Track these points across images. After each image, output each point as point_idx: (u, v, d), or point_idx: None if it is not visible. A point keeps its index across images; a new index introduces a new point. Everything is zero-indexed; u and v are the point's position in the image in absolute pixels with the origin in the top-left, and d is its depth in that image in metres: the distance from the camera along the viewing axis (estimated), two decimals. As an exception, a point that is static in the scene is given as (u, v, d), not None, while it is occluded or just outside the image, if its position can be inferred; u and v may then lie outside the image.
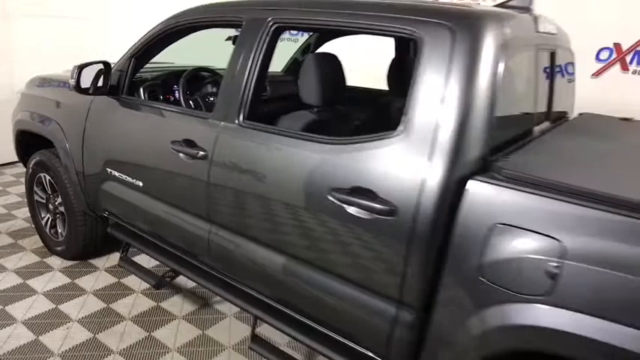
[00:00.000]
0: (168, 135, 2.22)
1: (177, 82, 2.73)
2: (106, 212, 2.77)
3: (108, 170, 2.58)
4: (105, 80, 2.50)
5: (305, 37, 3.61)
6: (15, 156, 3.45)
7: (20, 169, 4.50)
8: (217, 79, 2.83)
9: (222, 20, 2.26)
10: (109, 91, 2.54)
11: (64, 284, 2.96)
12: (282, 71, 3.64)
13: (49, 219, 3.24)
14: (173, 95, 2.78)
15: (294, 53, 3.60)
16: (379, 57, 2.82)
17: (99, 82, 2.48)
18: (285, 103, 2.48)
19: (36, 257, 3.25)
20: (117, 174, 2.54)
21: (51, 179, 3.05)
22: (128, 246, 2.83)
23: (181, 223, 2.29)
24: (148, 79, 2.75)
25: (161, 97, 2.71)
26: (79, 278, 3.03)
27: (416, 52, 1.57)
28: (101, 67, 2.47)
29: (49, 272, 3.08)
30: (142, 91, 2.60)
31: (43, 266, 3.15)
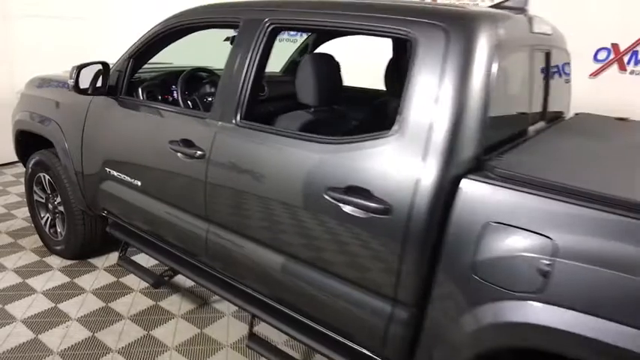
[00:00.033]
0: (167, 135, 2.23)
1: (176, 82, 2.75)
2: (105, 212, 2.78)
3: (107, 170, 2.60)
4: (103, 81, 2.51)
5: (304, 37, 3.61)
6: (15, 156, 3.46)
7: (20, 169, 4.51)
8: (215, 79, 2.84)
9: (220, 21, 2.27)
10: (108, 92, 2.55)
11: (63, 283, 2.97)
12: (280, 71, 3.65)
13: (48, 218, 3.25)
14: (171, 95, 2.80)
15: (293, 54, 3.61)
16: (378, 57, 2.82)
17: (98, 83, 2.50)
18: (283, 103, 2.49)
19: (35, 256, 3.26)
20: (115, 173, 2.55)
21: (50, 179, 3.07)
22: (127, 245, 2.85)
23: (179, 222, 2.31)
24: (147, 79, 2.76)
25: (159, 98, 2.73)
26: (79, 277, 3.04)
27: (410, 52, 1.58)
28: (100, 68, 2.49)
29: (49, 271, 3.10)
30: (140, 91, 2.62)
31: (42, 265, 3.16)
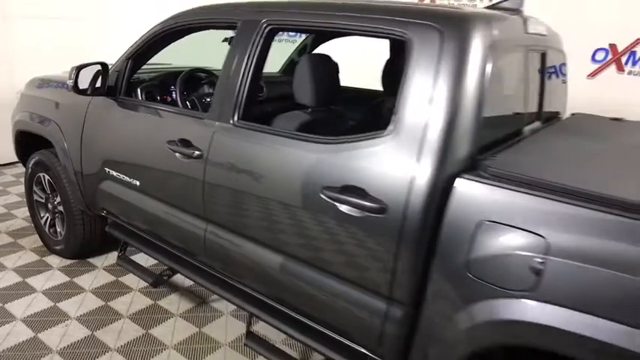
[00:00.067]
0: (165, 135, 2.25)
1: (175, 82, 2.77)
2: (104, 211, 2.80)
3: (106, 170, 2.61)
4: (103, 81, 2.52)
5: (303, 38, 3.63)
6: (15, 156, 3.47)
7: (20, 170, 4.53)
8: (214, 79, 2.85)
9: (218, 22, 2.29)
10: (107, 92, 2.57)
11: (62, 282, 2.99)
12: (279, 72, 3.67)
13: (48, 218, 3.27)
14: (170, 96, 2.81)
15: (291, 54, 3.63)
16: (378, 58, 2.83)
17: (97, 83, 2.51)
18: (282, 104, 2.51)
19: (35, 256, 3.28)
20: (114, 173, 2.57)
21: (50, 179, 3.08)
22: (126, 245, 2.86)
23: (178, 221, 2.32)
24: (146, 80, 2.78)
25: (158, 98, 2.74)
26: (78, 277, 3.06)
27: (406, 53, 1.60)
28: (99, 69, 2.50)
29: (48, 271, 3.11)
30: (139, 91, 2.64)
31: (42, 265, 3.18)
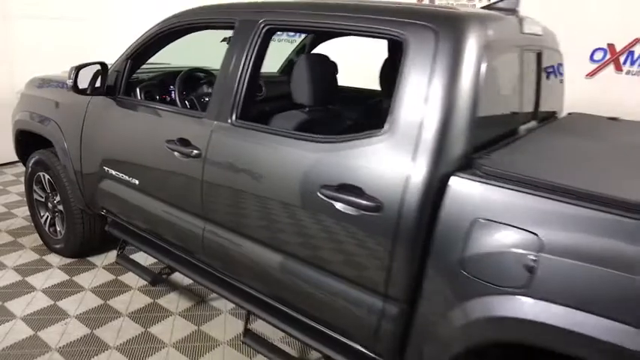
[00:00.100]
0: (164, 134, 2.26)
1: (174, 82, 2.78)
2: (104, 210, 2.81)
3: (105, 169, 2.63)
4: (102, 81, 2.54)
5: (302, 37, 3.64)
6: (15, 156, 3.49)
7: (20, 169, 4.55)
8: (212, 79, 2.86)
9: (216, 22, 2.30)
10: (106, 92, 2.58)
11: (62, 281, 3.01)
12: (277, 72, 3.68)
13: (48, 217, 3.29)
14: (169, 95, 2.83)
15: (290, 54, 3.64)
16: (378, 58, 2.85)
17: (96, 83, 2.52)
18: (280, 103, 2.52)
19: (35, 255, 3.29)
20: (114, 172, 2.58)
21: (50, 178, 3.10)
22: (125, 243, 2.88)
23: (176, 220, 2.34)
24: (145, 79, 2.79)
25: (157, 98, 2.75)
26: (78, 275, 3.08)
27: (401, 53, 1.61)
28: (98, 68, 2.51)
29: (48, 269, 3.13)
30: (138, 91, 2.65)
31: (42, 264, 3.19)
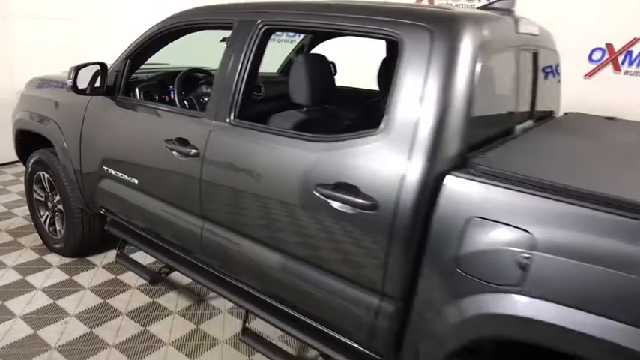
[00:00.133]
0: (163, 134, 2.28)
1: (173, 82, 2.79)
2: (103, 209, 2.83)
3: (104, 168, 2.64)
4: (101, 81, 2.55)
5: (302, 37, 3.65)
6: (15, 156, 3.50)
7: (20, 169, 4.56)
8: (211, 79, 2.87)
9: (215, 22, 2.32)
10: (106, 92, 2.59)
11: (62, 280, 3.02)
12: (277, 72, 3.70)
13: (47, 217, 3.30)
14: (168, 95, 2.84)
15: (289, 54, 3.66)
16: (375, 57, 2.87)
17: (96, 83, 2.54)
18: (279, 103, 2.53)
19: (35, 254, 3.31)
20: (113, 172, 2.60)
21: (50, 178, 3.11)
22: (125, 243, 2.89)
23: (175, 219, 2.35)
24: (144, 79, 2.81)
25: (156, 98, 2.77)
26: (77, 274, 3.09)
27: (397, 53, 1.63)
28: (98, 68, 2.53)
29: (48, 269, 3.14)
30: (137, 91, 2.66)
31: (41, 263, 3.21)
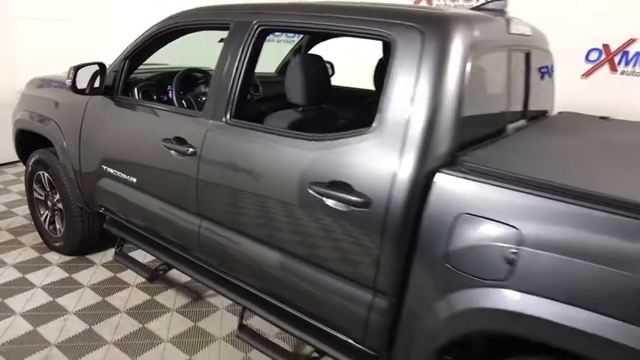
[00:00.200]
0: (161, 133, 2.31)
1: (171, 82, 2.82)
2: (102, 208, 2.86)
3: (103, 167, 2.67)
4: (100, 81, 2.59)
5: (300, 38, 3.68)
6: (16, 156, 3.53)
7: (21, 169, 4.60)
8: (209, 79, 2.91)
9: (212, 23, 2.35)
10: (105, 92, 2.63)
11: (61, 278, 3.05)
12: (275, 72, 3.73)
13: (47, 216, 3.33)
14: (167, 95, 2.87)
15: (287, 54, 3.69)
16: (374, 58, 2.90)
17: (95, 83, 2.57)
18: (276, 103, 2.56)
19: (35, 253, 3.34)
20: (112, 171, 2.63)
21: (50, 177, 3.14)
22: (123, 241, 2.92)
23: (173, 217, 2.38)
24: (143, 79, 2.84)
25: (155, 97, 2.80)
26: (77, 273, 3.12)
27: (390, 53, 1.66)
28: (97, 69, 2.56)
29: (48, 267, 3.17)
30: (136, 91, 2.69)
31: (41, 261, 3.24)
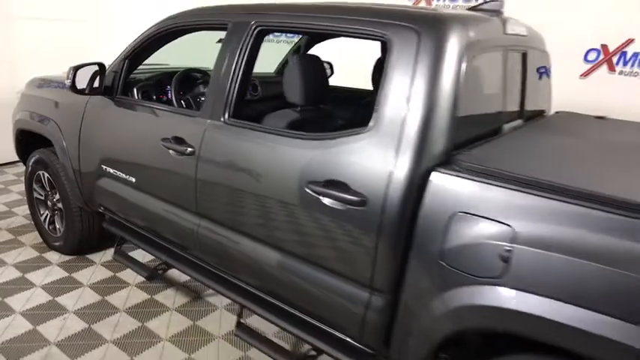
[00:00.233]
0: (160, 133, 2.32)
1: (170, 82, 2.84)
2: (102, 208, 2.87)
3: (103, 167, 2.69)
4: (100, 81, 2.60)
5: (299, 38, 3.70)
6: (16, 156, 3.54)
7: (21, 169, 4.61)
8: (209, 79, 2.92)
9: (210, 23, 2.37)
10: (104, 92, 2.64)
11: (61, 278, 3.06)
12: (274, 72, 3.74)
13: (47, 215, 3.34)
14: (166, 95, 2.89)
15: (286, 55, 3.70)
16: (372, 58, 2.91)
17: (94, 83, 2.58)
18: (274, 103, 2.58)
19: (35, 252, 3.35)
20: (111, 170, 2.64)
21: (49, 177, 3.15)
22: (123, 240, 2.94)
23: (172, 217, 2.39)
24: (142, 79, 2.85)
25: (154, 97, 2.81)
26: (76, 272, 3.13)
27: (386, 53, 1.67)
28: (96, 69, 2.58)
29: (48, 266, 3.19)
30: (135, 91, 2.71)
31: (41, 261, 3.25)
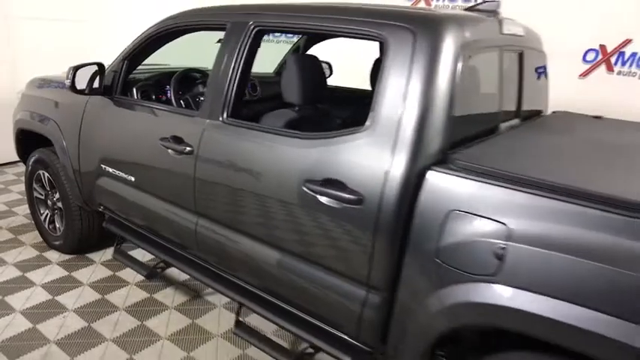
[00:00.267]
0: (158, 132, 2.34)
1: (169, 82, 2.86)
2: (101, 207, 2.89)
3: (102, 166, 2.71)
4: (99, 81, 2.62)
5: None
6: (16, 156, 3.56)
7: (21, 169, 4.63)
8: (207, 79, 2.94)
9: (209, 24, 2.38)
10: (104, 92, 2.66)
11: (61, 277, 3.08)
12: (273, 72, 3.76)
13: (47, 215, 3.36)
14: (165, 95, 2.90)
15: (285, 55, 3.71)
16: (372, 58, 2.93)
17: (94, 83, 2.60)
18: (274, 103, 2.60)
19: (35, 251, 3.37)
20: (111, 170, 2.66)
21: (49, 176, 3.17)
22: (122, 239, 2.95)
23: (171, 216, 2.41)
24: (141, 79, 2.87)
25: (153, 97, 2.83)
26: (76, 271, 3.15)
27: (383, 53, 1.69)
28: (96, 69, 2.59)
29: (48, 265, 3.20)
30: (135, 91, 2.72)
31: (41, 260, 3.27)
